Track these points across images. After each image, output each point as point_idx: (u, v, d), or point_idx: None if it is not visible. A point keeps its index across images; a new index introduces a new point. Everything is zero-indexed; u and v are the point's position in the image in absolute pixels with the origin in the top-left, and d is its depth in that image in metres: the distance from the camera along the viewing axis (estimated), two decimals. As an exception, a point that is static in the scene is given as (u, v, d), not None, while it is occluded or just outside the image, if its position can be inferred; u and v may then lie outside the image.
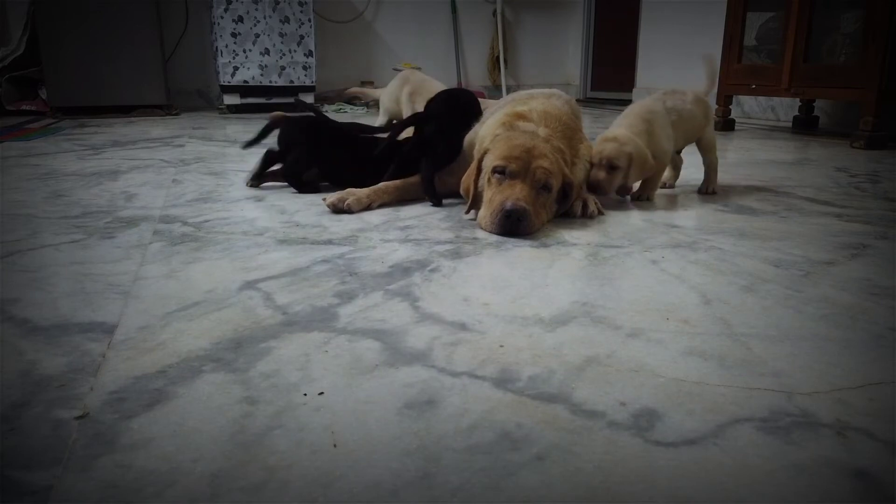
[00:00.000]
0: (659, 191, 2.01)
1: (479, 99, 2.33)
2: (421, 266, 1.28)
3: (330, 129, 1.99)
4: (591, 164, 1.80)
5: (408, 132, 1.95)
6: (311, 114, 2.06)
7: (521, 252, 1.39)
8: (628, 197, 1.93)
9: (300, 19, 4.59)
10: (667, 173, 2.03)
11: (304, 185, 1.96)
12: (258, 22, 4.49)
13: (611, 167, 1.76)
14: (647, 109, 1.88)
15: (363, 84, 5.44)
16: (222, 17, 4.40)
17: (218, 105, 4.87)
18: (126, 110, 4.37)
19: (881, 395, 0.80)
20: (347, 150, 1.95)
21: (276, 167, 2.02)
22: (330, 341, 0.93)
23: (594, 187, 1.77)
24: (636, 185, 1.92)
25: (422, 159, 1.83)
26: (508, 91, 5.66)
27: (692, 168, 2.17)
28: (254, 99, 4.55)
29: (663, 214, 1.73)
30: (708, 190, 2.01)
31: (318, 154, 1.95)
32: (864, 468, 0.65)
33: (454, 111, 1.92)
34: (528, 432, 0.71)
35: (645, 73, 5.43)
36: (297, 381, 0.81)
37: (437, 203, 1.82)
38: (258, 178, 2.03)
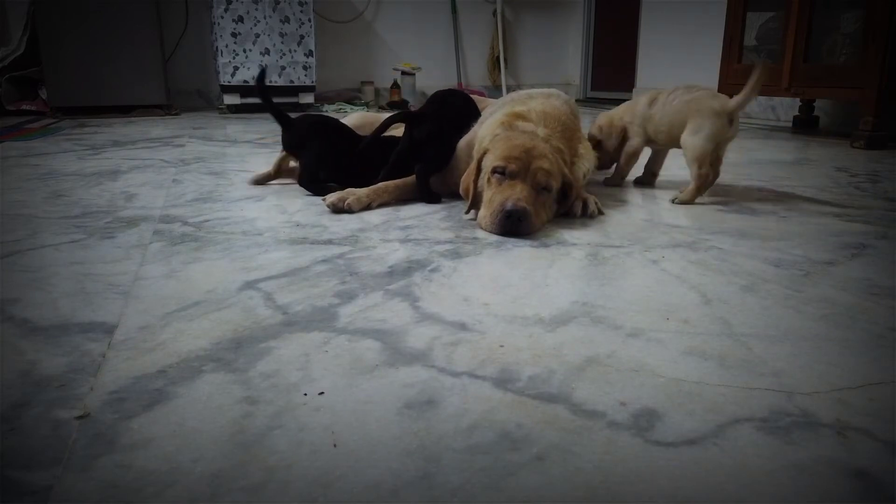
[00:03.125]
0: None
1: (479, 97, 2.32)
2: (421, 266, 1.28)
3: (336, 130, 1.97)
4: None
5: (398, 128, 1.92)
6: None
7: (521, 252, 1.39)
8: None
9: (300, 19, 4.59)
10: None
11: (321, 188, 1.89)
12: (258, 22, 4.49)
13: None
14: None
15: (363, 84, 5.44)
16: (222, 17, 4.40)
17: (218, 105, 4.87)
18: (126, 110, 4.37)
19: (881, 395, 0.80)
20: (354, 149, 1.92)
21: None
22: (330, 341, 0.93)
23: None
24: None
25: (415, 162, 1.82)
26: (508, 91, 5.66)
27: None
28: (254, 99, 4.54)
29: (663, 214, 1.73)
30: (676, 199, 1.87)
31: (328, 155, 1.90)
32: (864, 468, 0.65)
33: (447, 115, 1.89)
34: (528, 432, 0.71)
35: (645, 73, 5.43)
36: (297, 381, 0.82)
37: (435, 201, 1.82)
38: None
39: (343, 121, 2.15)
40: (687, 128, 1.82)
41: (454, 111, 1.94)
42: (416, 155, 1.81)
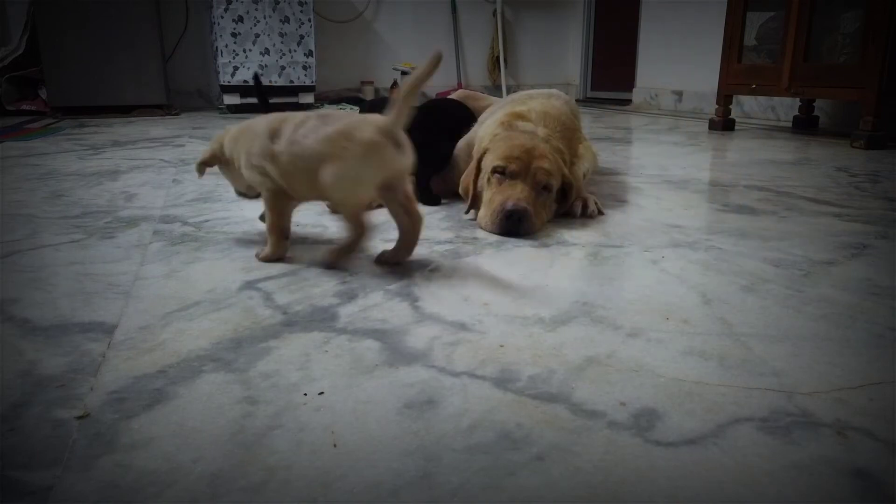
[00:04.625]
0: None
1: (478, 94, 2.32)
2: (421, 266, 1.28)
3: None
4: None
5: None
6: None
7: (521, 252, 1.39)
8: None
9: (300, 19, 4.59)
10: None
11: None
12: (258, 22, 4.49)
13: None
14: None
15: (363, 84, 5.44)
16: (222, 17, 4.40)
17: (218, 105, 4.87)
18: (126, 110, 4.37)
19: (881, 395, 0.80)
20: None
21: None
22: (330, 341, 0.93)
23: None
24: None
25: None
26: (508, 91, 5.66)
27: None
28: (254, 99, 4.54)
29: (663, 214, 1.73)
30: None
31: None
32: (864, 468, 0.65)
33: (436, 122, 1.87)
34: (528, 432, 0.71)
35: (645, 73, 5.43)
36: (297, 381, 0.82)
37: (435, 203, 1.82)
38: None
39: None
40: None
41: (444, 119, 1.93)
42: None
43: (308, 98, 4.77)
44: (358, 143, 1.16)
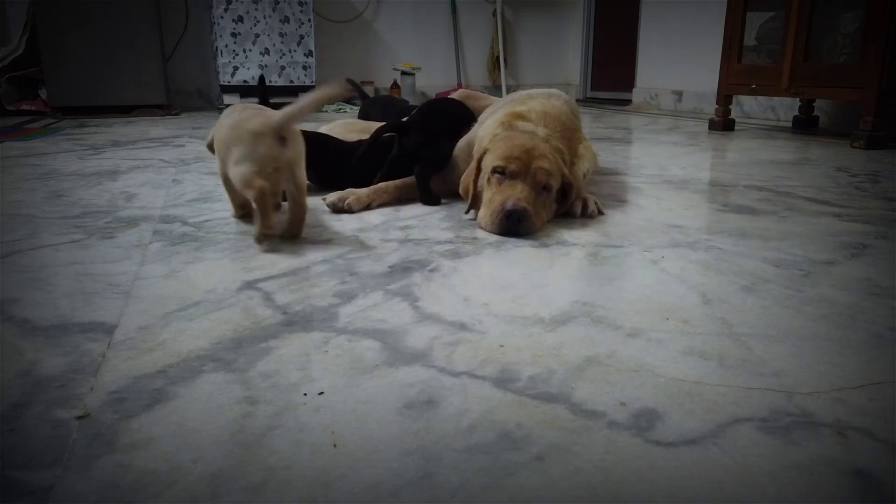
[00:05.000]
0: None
1: (478, 94, 2.32)
2: (421, 266, 1.28)
3: (318, 146, 1.87)
4: None
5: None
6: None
7: (521, 252, 1.39)
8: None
9: (300, 19, 4.59)
10: None
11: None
12: (258, 22, 4.49)
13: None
14: None
15: (363, 84, 5.44)
16: (222, 17, 4.40)
17: (218, 105, 4.86)
18: (126, 110, 4.37)
19: (881, 395, 0.80)
20: (346, 161, 1.87)
21: None
22: (330, 341, 0.93)
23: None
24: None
25: (407, 170, 1.82)
26: (508, 91, 5.66)
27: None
28: (254, 99, 4.53)
29: (663, 214, 1.73)
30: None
31: (318, 169, 1.86)
32: (864, 468, 0.65)
33: (436, 123, 1.87)
34: (528, 432, 0.71)
35: (645, 73, 5.43)
36: (297, 381, 0.82)
37: (435, 203, 1.82)
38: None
39: (325, 129, 2.15)
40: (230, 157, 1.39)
41: (444, 119, 1.93)
42: (407, 163, 1.81)
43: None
44: (244, 132, 1.36)
